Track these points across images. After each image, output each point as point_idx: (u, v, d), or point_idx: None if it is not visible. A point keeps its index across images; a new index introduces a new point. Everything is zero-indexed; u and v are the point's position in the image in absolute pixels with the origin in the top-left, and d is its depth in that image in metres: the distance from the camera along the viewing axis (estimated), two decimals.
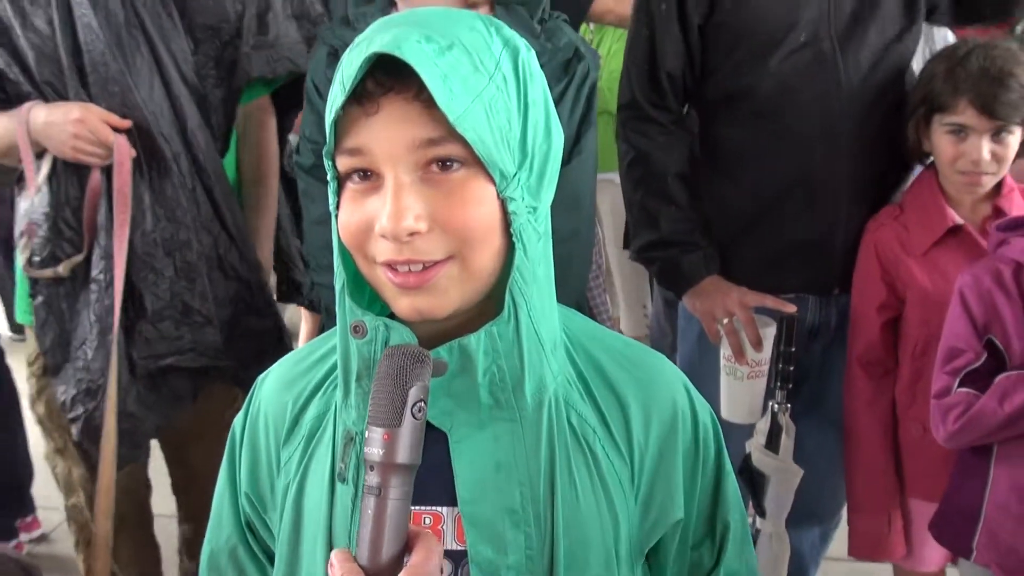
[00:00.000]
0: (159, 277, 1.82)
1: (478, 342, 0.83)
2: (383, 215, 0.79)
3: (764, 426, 1.84)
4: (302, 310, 3.82)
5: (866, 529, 1.91)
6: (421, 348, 0.80)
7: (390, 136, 0.79)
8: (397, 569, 0.75)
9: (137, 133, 1.77)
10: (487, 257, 0.82)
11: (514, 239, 0.83)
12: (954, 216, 1.76)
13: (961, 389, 1.60)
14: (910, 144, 1.80)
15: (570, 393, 0.91)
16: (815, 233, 1.86)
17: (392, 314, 0.86)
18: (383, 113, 0.79)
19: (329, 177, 0.84)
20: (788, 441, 1.82)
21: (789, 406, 1.84)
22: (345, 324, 0.86)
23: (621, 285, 3.81)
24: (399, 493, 0.76)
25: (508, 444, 0.86)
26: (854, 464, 1.90)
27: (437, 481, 0.85)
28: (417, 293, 0.81)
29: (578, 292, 1.73)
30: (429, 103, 0.76)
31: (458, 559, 0.88)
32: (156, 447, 2.08)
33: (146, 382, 1.86)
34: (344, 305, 0.86)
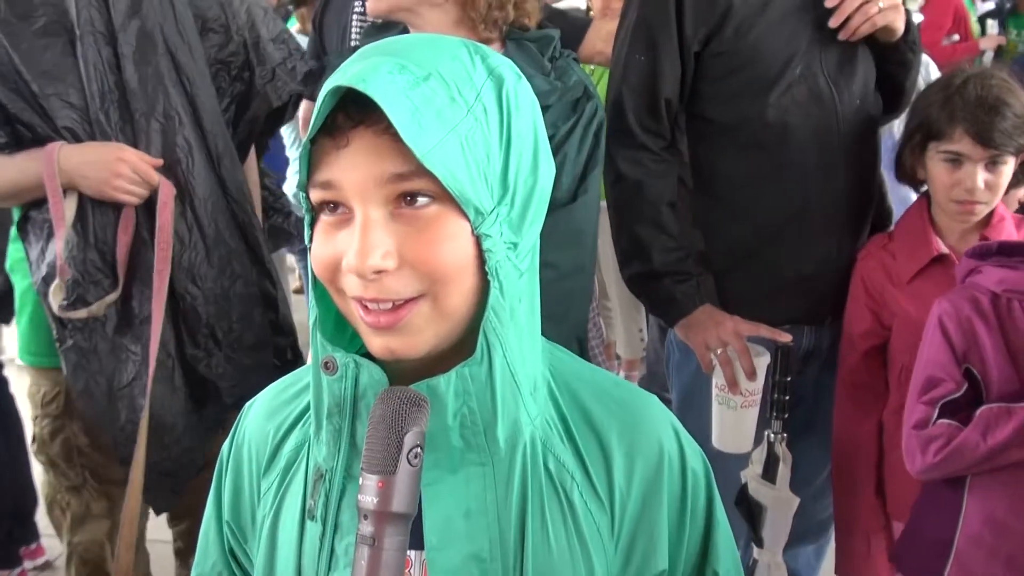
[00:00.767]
0: (223, 309, 1.86)
1: (448, 383, 0.80)
2: (350, 252, 0.77)
3: (760, 456, 1.84)
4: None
5: (850, 549, 1.92)
6: (418, 392, 0.78)
7: (359, 170, 0.77)
8: None
9: (180, 171, 1.80)
10: (460, 295, 0.80)
11: (489, 277, 0.80)
12: (940, 245, 1.78)
13: (942, 420, 1.57)
14: (906, 171, 1.83)
15: (549, 436, 0.87)
16: (811, 266, 1.88)
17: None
18: (353, 147, 0.77)
19: (304, 210, 0.82)
20: (785, 470, 1.82)
21: (785, 435, 1.84)
22: (317, 359, 0.84)
23: (617, 308, 3.82)
24: (394, 543, 0.74)
25: (479, 489, 0.84)
26: (840, 484, 1.92)
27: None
28: (390, 333, 0.79)
29: (579, 327, 1.72)
30: (399, 137, 0.74)
31: None
32: None
33: (198, 416, 1.89)
34: (316, 339, 0.84)
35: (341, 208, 0.79)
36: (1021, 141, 1.70)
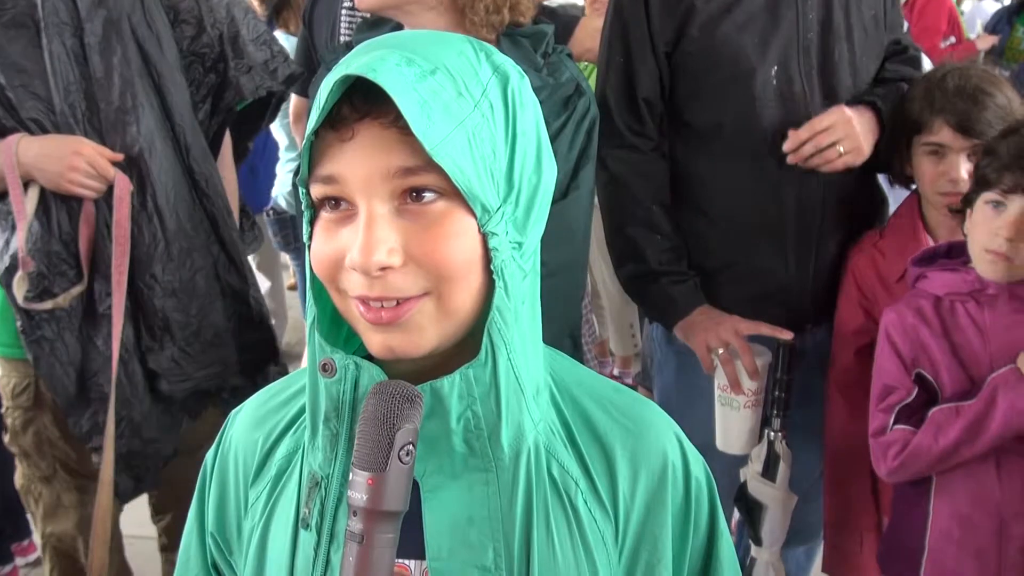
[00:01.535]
0: (182, 302, 1.84)
1: (452, 385, 0.78)
2: (354, 248, 0.74)
3: (760, 454, 1.83)
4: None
5: (839, 546, 1.91)
6: (411, 386, 0.76)
7: (364, 164, 0.74)
8: None
9: (146, 161, 1.79)
10: (465, 294, 0.77)
11: (495, 276, 0.77)
12: (929, 242, 1.77)
13: (897, 426, 1.59)
14: (893, 168, 1.82)
15: (552, 442, 0.85)
16: (788, 275, 1.86)
17: (369, 353, 0.81)
18: (358, 139, 0.75)
19: (303, 206, 0.80)
20: (785, 469, 1.81)
21: (783, 433, 1.84)
22: (314, 361, 0.81)
23: (609, 305, 3.81)
24: (384, 541, 0.73)
25: (482, 496, 0.81)
26: (832, 483, 1.92)
27: (406, 531, 0.78)
28: (390, 330, 0.77)
29: (571, 326, 1.71)
30: (406, 130, 0.72)
31: None
32: None
33: (161, 405, 1.88)
34: (314, 341, 0.81)
35: (344, 204, 0.77)
36: None
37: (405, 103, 0.71)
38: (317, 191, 0.77)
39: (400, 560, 0.82)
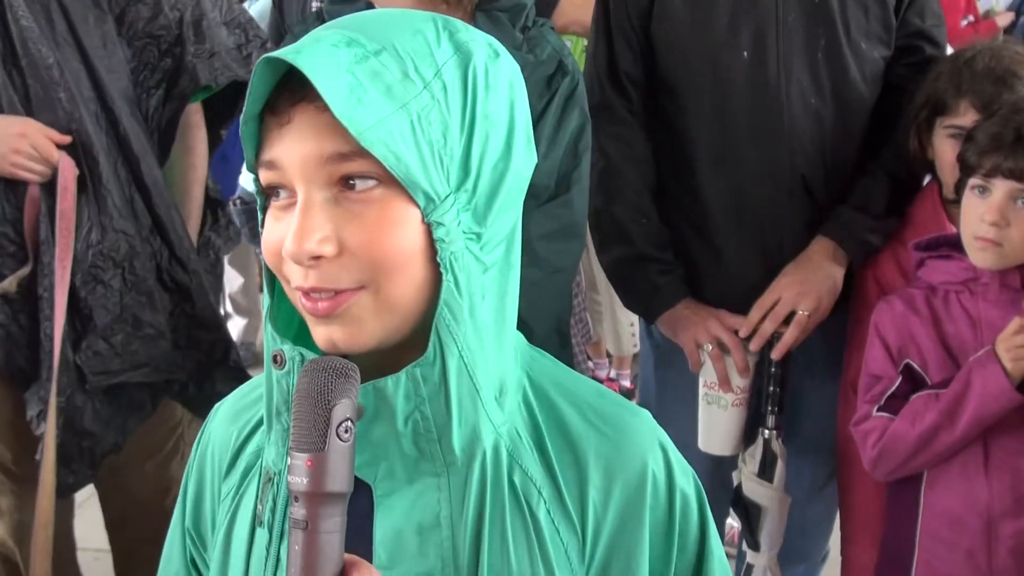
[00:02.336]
0: (108, 290, 1.78)
1: (396, 385, 0.74)
2: (287, 235, 0.72)
3: (756, 454, 1.77)
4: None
5: (857, 562, 1.82)
6: (344, 360, 0.72)
7: (299, 149, 0.72)
8: None
9: (80, 145, 1.73)
10: (405, 287, 0.74)
11: (442, 270, 0.74)
12: (953, 230, 1.67)
13: (876, 414, 1.57)
14: (912, 152, 1.72)
15: (517, 447, 0.80)
16: (758, 268, 1.78)
17: None
18: (294, 124, 0.72)
19: (255, 191, 0.78)
20: (783, 468, 1.76)
21: (779, 431, 1.77)
22: (268, 352, 0.79)
23: (609, 302, 3.70)
24: (330, 525, 0.69)
25: (432, 502, 0.78)
26: (847, 492, 1.84)
27: (360, 536, 0.76)
28: (330, 322, 0.74)
29: (562, 320, 1.67)
30: None
31: None
32: None
33: (102, 397, 1.82)
34: (267, 332, 0.79)
35: (286, 191, 0.75)
36: None
37: (327, 86, 0.69)
38: (262, 177, 0.76)
39: None
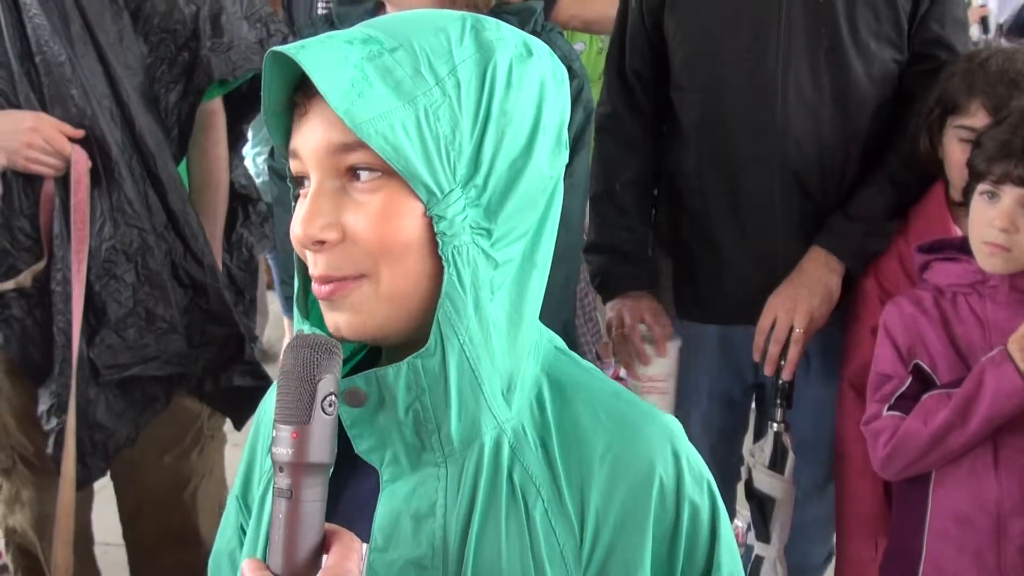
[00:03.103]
0: (121, 284, 1.78)
1: (397, 374, 0.76)
2: (295, 221, 0.77)
3: (766, 447, 1.77)
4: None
5: (854, 555, 1.83)
6: (328, 337, 0.75)
7: (312, 140, 0.76)
8: (314, 572, 0.71)
9: (94, 141, 1.73)
10: (405, 279, 0.76)
11: (444, 263, 0.75)
12: (958, 232, 1.69)
13: (888, 413, 1.57)
14: (923, 151, 1.71)
15: (521, 443, 0.81)
16: (749, 267, 1.79)
17: None
18: (309, 116, 0.77)
19: (287, 180, 0.82)
20: (793, 460, 1.76)
21: (787, 424, 1.78)
22: (294, 332, 0.82)
23: None
24: (313, 494, 0.72)
25: (431, 491, 0.80)
26: (843, 487, 1.84)
27: (364, 519, 0.80)
28: (334, 308, 0.78)
29: (564, 320, 1.68)
30: None
31: None
32: None
33: (115, 391, 1.82)
34: (295, 313, 0.84)
35: (308, 180, 0.78)
36: None
37: (326, 80, 0.72)
38: (291, 166, 0.80)
39: None
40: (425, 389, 0.76)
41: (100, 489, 2.04)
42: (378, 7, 1.73)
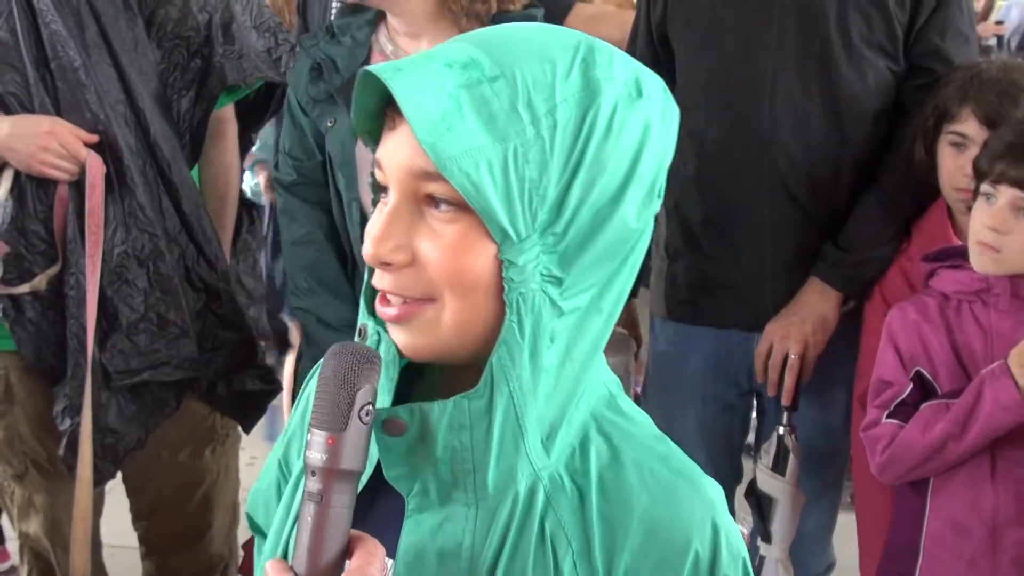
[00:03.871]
0: (133, 289, 1.79)
1: (442, 412, 0.74)
2: (367, 236, 0.75)
3: (770, 449, 1.79)
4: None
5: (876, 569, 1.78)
6: (370, 347, 0.75)
7: (396, 157, 0.74)
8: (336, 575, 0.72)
9: (107, 146, 1.74)
10: (471, 313, 0.74)
11: (507, 308, 0.73)
12: (958, 243, 1.67)
13: (887, 420, 1.57)
14: (918, 159, 1.71)
15: (557, 493, 0.77)
16: (739, 271, 1.81)
17: None
18: (398, 131, 0.74)
19: (371, 184, 0.84)
20: (795, 462, 1.77)
21: (792, 427, 1.79)
22: (358, 324, 0.82)
23: (642, 302, 3.68)
24: (342, 500, 0.72)
25: (458, 531, 0.77)
26: (864, 506, 1.84)
27: (393, 535, 0.78)
28: (393, 326, 0.77)
29: None
30: None
31: None
32: None
33: (127, 395, 1.83)
34: (361, 306, 0.82)
35: (388, 192, 0.76)
36: None
37: (416, 110, 0.69)
38: (376, 173, 0.78)
39: (386, 559, 0.79)
40: (468, 429, 0.74)
41: (106, 492, 2.05)
42: (378, 18, 1.75)
